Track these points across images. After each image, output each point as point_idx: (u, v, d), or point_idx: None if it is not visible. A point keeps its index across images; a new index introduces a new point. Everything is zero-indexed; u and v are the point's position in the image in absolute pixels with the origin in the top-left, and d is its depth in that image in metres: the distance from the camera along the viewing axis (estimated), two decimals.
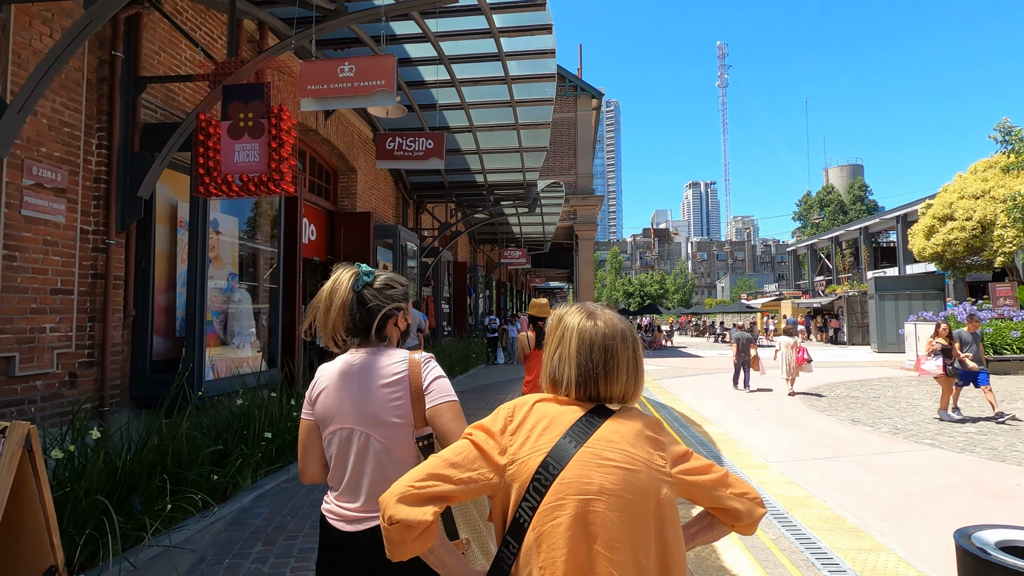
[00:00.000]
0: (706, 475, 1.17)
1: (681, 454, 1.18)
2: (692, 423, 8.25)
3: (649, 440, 1.14)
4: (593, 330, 1.22)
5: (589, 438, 1.12)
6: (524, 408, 1.20)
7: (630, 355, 1.21)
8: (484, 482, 1.13)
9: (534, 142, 11.75)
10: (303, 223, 9.33)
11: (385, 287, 1.63)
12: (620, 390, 1.20)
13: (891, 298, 22.61)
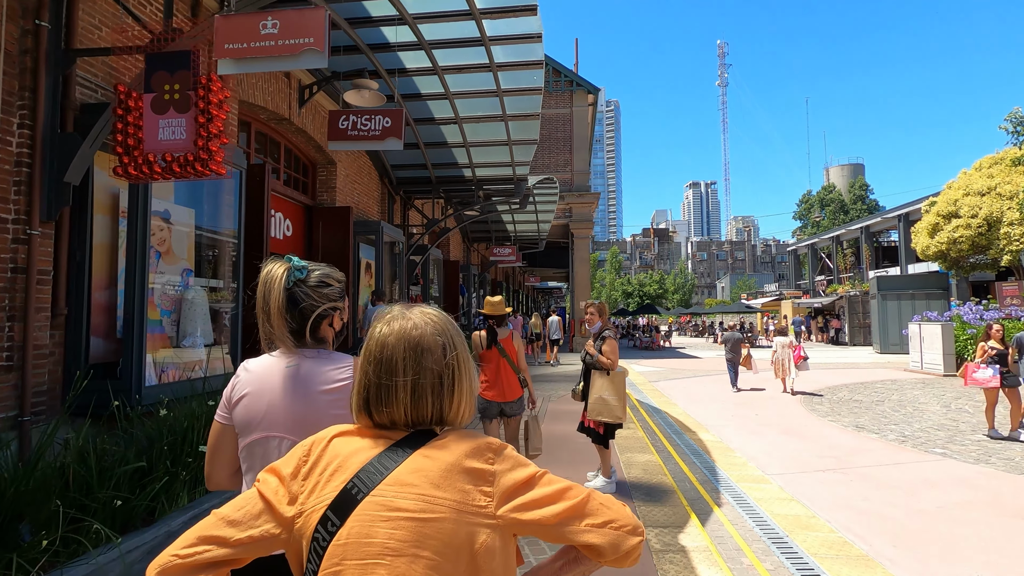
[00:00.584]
0: (551, 507, 0.93)
1: (519, 483, 0.94)
2: (686, 430, 7.76)
3: (468, 474, 0.92)
4: (389, 338, 1.00)
5: (380, 483, 0.92)
6: (320, 445, 1.00)
7: (442, 365, 0.99)
8: (270, 540, 0.95)
9: (523, 134, 11.26)
10: (275, 216, 8.86)
11: (320, 284, 1.48)
12: (430, 410, 0.98)
13: (894, 298, 22.13)
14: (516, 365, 4.61)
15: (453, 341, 1.02)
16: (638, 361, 20.00)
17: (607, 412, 4.65)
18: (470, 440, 0.97)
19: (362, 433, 1.00)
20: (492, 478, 0.93)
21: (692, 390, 12.24)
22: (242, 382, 1.48)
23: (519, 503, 0.92)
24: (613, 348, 4.69)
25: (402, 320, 1.02)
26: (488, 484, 0.92)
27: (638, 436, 6.76)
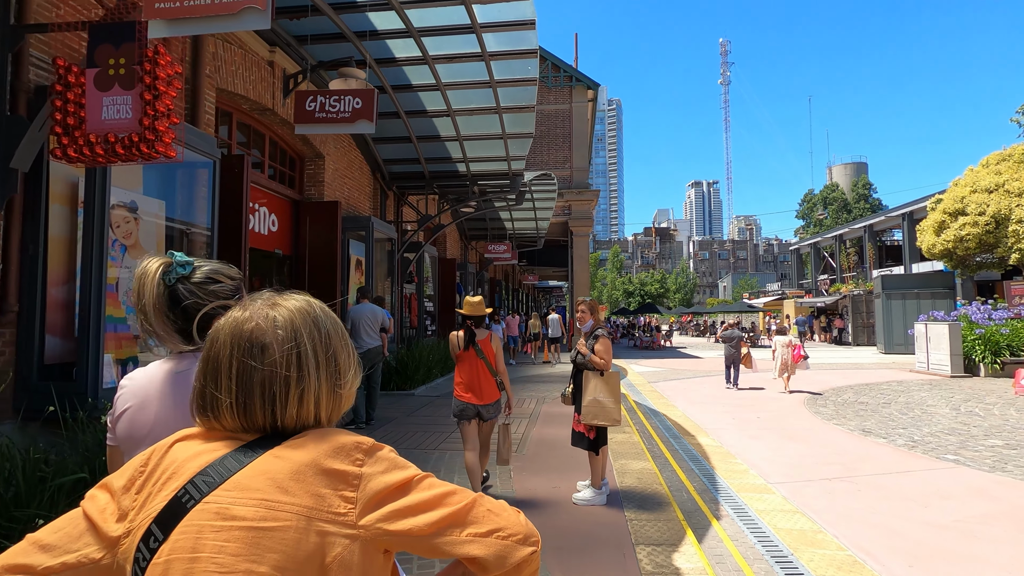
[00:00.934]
0: (426, 514, 0.81)
1: (392, 488, 0.82)
2: (685, 433, 7.43)
3: (327, 476, 0.80)
4: (220, 332, 0.88)
5: (216, 488, 0.79)
6: (160, 451, 0.88)
7: (279, 363, 0.85)
8: (89, 566, 0.82)
9: (519, 127, 10.93)
10: (259, 211, 8.55)
11: (207, 281, 1.37)
12: (263, 417, 0.85)
13: (898, 297, 21.76)
14: (494, 367, 4.40)
15: (301, 333, 0.87)
16: (638, 361, 19.66)
17: (603, 415, 4.34)
18: (336, 438, 0.84)
19: (209, 436, 0.87)
20: (358, 481, 0.81)
21: (692, 391, 11.91)
22: (123, 396, 1.35)
23: (388, 511, 0.80)
24: (606, 347, 4.37)
25: (239, 311, 0.89)
26: (352, 488, 0.80)
27: (634, 441, 6.43)
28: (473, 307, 4.66)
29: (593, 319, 4.52)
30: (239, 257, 6.66)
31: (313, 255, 9.56)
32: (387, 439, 6.44)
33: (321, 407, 0.88)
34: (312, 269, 9.55)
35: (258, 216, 8.58)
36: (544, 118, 22.45)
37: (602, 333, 4.42)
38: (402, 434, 6.76)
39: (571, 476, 5.06)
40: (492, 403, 4.39)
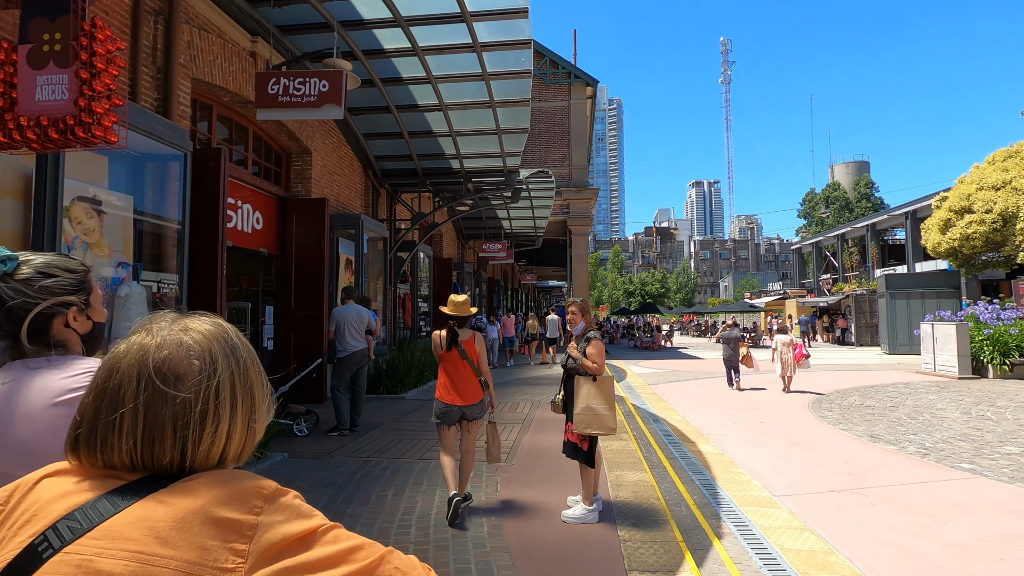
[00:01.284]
0: (326, 572, 0.70)
1: (291, 540, 0.71)
2: (685, 439, 7.10)
3: (217, 526, 0.70)
4: (122, 361, 0.78)
5: (82, 535, 0.69)
6: (25, 487, 0.78)
7: (195, 395, 0.76)
8: None
9: (513, 122, 10.61)
10: (242, 208, 8.23)
11: (37, 276, 1.20)
12: (169, 454, 0.75)
13: (903, 297, 21.40)
14: (477, 367, 4.35)
15: (219, 362, 0.80)
16: (638, 362, 19.33)
17: (596, 423, 4.02)
18: (235, 482, 0.74)
19: (85, 472, 0.78)
20: (252, 532, 0.71)
21: (693, 394, 11.57)
22: None
23: (283, 567, 0.70)
24: (599, 350, 4.05)
25: (144, 335, 0.81)
26: (244, 540, 0.70)
27: (630, 449, 6.10)
28: (457, 307, 4.49)
29: (585, 320, 4.19)
30: (215, 255, 6.34)
31: (300, 254, 9.24)
32: (371, 447, 6.12)
33: (233, 444, 0.81)
34: (299, 269, 9.23)
35: (241, 213, 8.26)
36: (542, 115, 22.14)
37: (594, 335, 4.09)
38: (387, 441, 6.43)
39: (562, 489, 4.73)
40: (476, 403, 4.31)
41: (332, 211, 10.24)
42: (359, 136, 10.94)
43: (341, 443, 6.27)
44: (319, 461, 5.47)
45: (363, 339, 7.03)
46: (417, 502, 4.40)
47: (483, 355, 4.45)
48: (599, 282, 71.57)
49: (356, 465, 5.34)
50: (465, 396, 4.26)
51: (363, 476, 4.99)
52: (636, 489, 4.71)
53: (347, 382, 6.90)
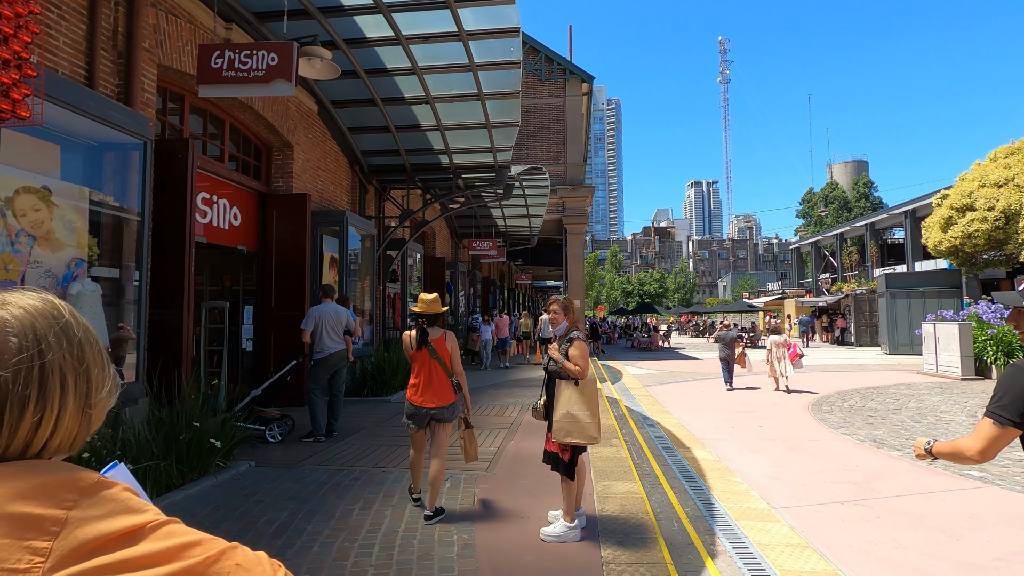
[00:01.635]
0: (150, 570, 0.64)
1: (110, 537, 0.64)
2: (679, 445, 6.76)
3: (13, 523, 0.63)
4: None
5: None
6: None
7: (34, 371, 0.70)
8: None
9: (503, 116, 10.27)
10: (217, 203, 7.88)
11: None
12: (8, 439, 0.70)
13: (903, 296, 21.10)
14: (448, 368, 4.21)
15: (44, 341, 0.71)
16: (634, 363, 19.00)
17: (577, 431, 3.68)
18: (43, 474, 0.67)
19: None
20: (58, 528, 0.64)
21: (689, 396, 11.23)
22: None
23: (96, 565, 0.62)
24: (583, 352, 3.71)
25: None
26: (47, 537, 0.63)
27: (620, 456, 5.76)
28: (427, 305, 4.33)
29: (568, 320, 3.85)
30: (182, 250, 6.00)
31: (280, 251, 8.89)
32: (346, 453, 5.78)
33: (60, 432, 0.72)
34: (279, 266, 8.88)
35: (217, 209, 7.91)
36: (537, 112, 21.80)
37: (577, 336, 3.75)
38: (365, 448, 6.09)
39: (545, 501, 4.39)
40: (447, 406, 4.16)
41: (315, 207, 9.90)
42: (344, 130, 10.60)
43: (315, 450, 5.93)
44: (288, 470, 5.12)
45: (341, 340, 6.68)
46: (385, 516, 4.06)
47: (455, 355, 4.29)
48: (597, 282, 71.24)
49: (326, 474, 5.00)
50: (435, 398, 4.11)
51: (331, 487, 4.65)
52: (624, 502, 4.37)
53: (324, 385, 6.55)
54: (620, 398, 10.62)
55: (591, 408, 3.66)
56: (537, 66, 21.63)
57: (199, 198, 7.52)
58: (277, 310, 8.75)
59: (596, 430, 3.71)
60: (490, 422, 7.51)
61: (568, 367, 3.68)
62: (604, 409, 8.48)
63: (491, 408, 8.60)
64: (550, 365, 3.80)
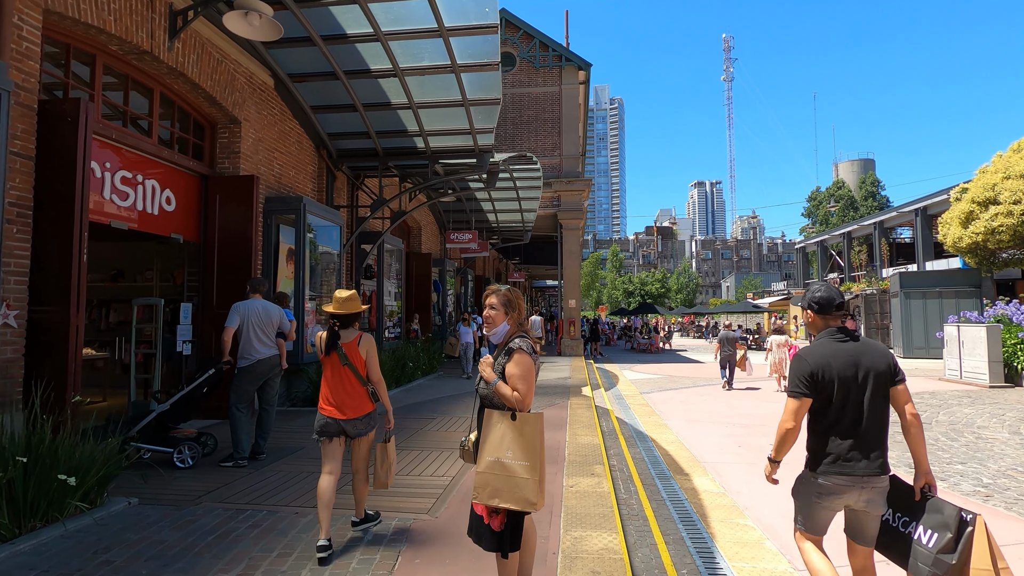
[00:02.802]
0: None
1: None
2: (677, 471, 5.66)
3: None
4: None
5: None
6: None
7: None
8: None
9: (482, 92, 9.18)
10: (145, 184, 6.80)
11: None
12: None
13: (918, 296, 19.93)
14: (362, 375, 3.58)
15: None
16: (632, 366, 17.88)
17: (507, 490, 2.41)
18: None
19: None
20: None
21: (691, 405, 10.11)
22: None
23: None
24: (525, 371, 2.52)
25: None
26: None
27: (603, 491, 4.65)
28: (341, 303, 3.63)
29: (510, 321, 2.72)
30: (70, 232, 4.93)
31: (224, 241, 7.82)
32: (262, 486, 4.68)
33: None
34: (223, 259, 7.80)
35: (143, 191, 6.84)
36: (531, 101, 20.72)
37: (520, 346, 2.62)
38: (292, 476, 4.99)
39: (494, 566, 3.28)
40: (359, 418, 3.57)
41: (272, 193, 8.83)
42: (306, 109, 9.51)
43: (229, 478, 4.84)
44: (176, 511, 4.03)
45: (273, 343, 5.59)
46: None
47: (372, 359, 3.65)
48: (597, 282, 70.05)
49: (221, 518, 3.91)
50: (345, 408, 3.53)
51: (219, 537, 3.56)
52: (598, 566, 3.26)
53: (251, 398, 5.46)
54: (613, 408, 9.51)
55: (531, 456, 2.41)
56: (531, 53, 20.54)
57: (118, 177, 6.45)
58: (219, 308, 7.65)
59: (536, 491, 2.39)
60: (451, 441, 6.40)
61: (503, 392, 2.51)
62: (591, 423, 7.38)
63: (456, 423, 7.50)
64: (481, 386, 2.66)
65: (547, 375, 13.42)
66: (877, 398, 2.47)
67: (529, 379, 2.52)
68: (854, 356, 2.49)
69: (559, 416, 7.89)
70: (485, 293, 2.76)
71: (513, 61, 20.80)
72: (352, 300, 3.61)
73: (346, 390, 3.54)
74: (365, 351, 3.60)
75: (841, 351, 2.50)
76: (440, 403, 9.11)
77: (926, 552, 2.34)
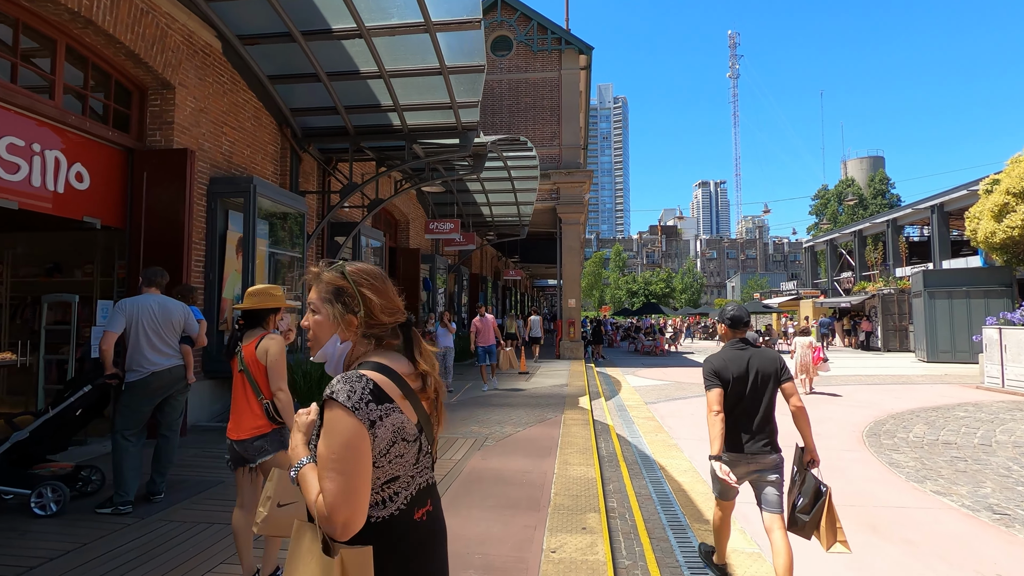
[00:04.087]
0: None
1: None
2: (696, 516, 4.41)
3: None
4: None
5: None
6: None
7: None
8: None
9: (463, 57, 7.95)
10: (48, 157, 5.58)
11: None
12: None
13: (943, 296, 18.58)
14: (258, 384, 2.85)
15: None
16: (636, 370, 16.61)
17: None
18: None
19: None
20: None
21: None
22: None
23: None
24: (342, 448, 1.17)
25: None
26: None
27: (598, 561, 3.39)
28: (254, 299, 2.93)
29: (347, 329, 1.40)
30: None
31: (151, 227, 6.60)
32: (143, 544, 3.44)
33: None
34: (150, 248, 6.58)
35: (40, 163, 5.62)
36: (528, 88, 19.47)
37: (339, 392, 1.21)
38: (184, 528, 3.75)
39: None
40: (249, 439, 2.83)
41: (218, 174, 7.61)
42: (262, 78, 8.29)
43: (104, 531, 3.61)
44: None
45: (173, 351, 4.35)
46: None
47: (275, 367, 2.87)
48: (601, 282, 68.78)
49: None
50: (240, 426, 2.87)
51: None
52: None
53: (142, 422, 4.23)
54: (614, 422, 8.26)
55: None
56: (529, 36, 19.29)
57: (3, 144, 5.24)
58: None
59: None
60: None
61: (305, 491, 1.24)
62: (587, 447, 6.12)
63: None
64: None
65: (542, 382, 12.16)
66: (764, 393, 3.05)
67: (351, 467, 1.16)
68: (748, 361, 3.05)
69: (549, 436, 6.64)
70: (307, 273, 1.47)
71: (510, 45, 19.56)
72: (262, 294, 2.92)
73: (239, 403, 2.88)
74: (264, 354, 2.86)
75: (739, 356, 3.08)
76: None
77: (795, 511, 3.01)
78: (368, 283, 1.38)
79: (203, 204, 7.26)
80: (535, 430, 7.00)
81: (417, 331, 1.51)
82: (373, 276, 1.41)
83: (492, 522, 3.87)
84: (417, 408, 1.36)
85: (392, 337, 1.43)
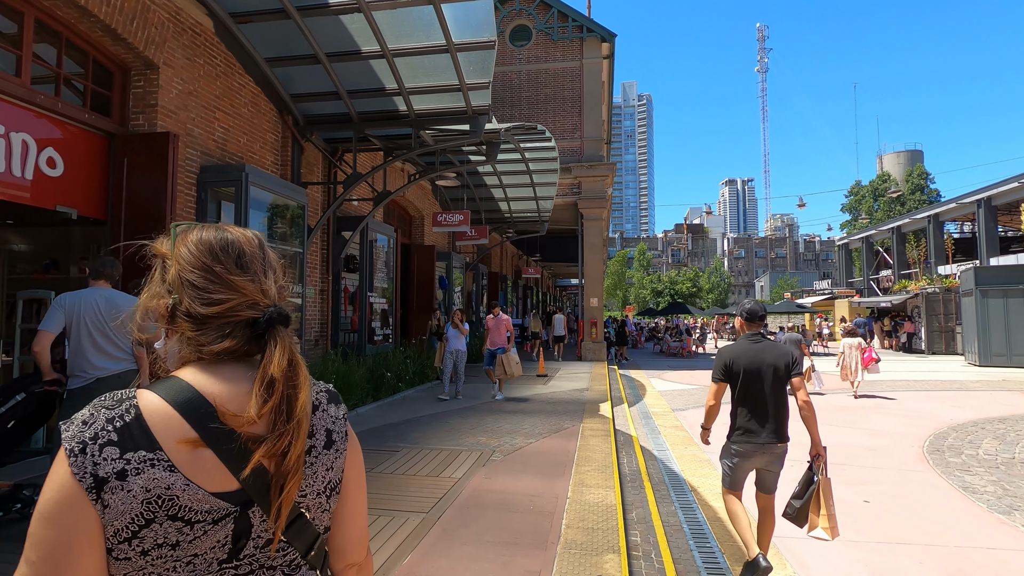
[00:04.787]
0: None
1: None
2: (735, 552, 3.66)
3: None
4: None
5: None
6: None
7: None
8: None
9: (472, 32, 7.28)
10: (14, 140, 5.09)
11: None
12: None
13: (998, 294, 17.23)
14: None
15: None
16: (662, 373, 15.74)
17: None
18: None
19: None
20: None
21: None
22: None
23: None
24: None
25: None
26: None
27: None
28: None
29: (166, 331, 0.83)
30: None
31: (132, 218, 6.09)
32: None
33: None
34: (130, 239, 6.04)
35: (3, 147, 5.13)
36: (548, 78, 18.73)
37: (64, 429, 0.76)
38: None
39: None
40: None
41: (209, 162, 7.10)
42: (258, 60, 7.76)
43: None
44: None
45: (124, 354, 3.78)
46: None
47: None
48: (624, 281, 67.50)
49: None
50: None
51: None
52: None
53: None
54: (638, 433, 7.49)
55: None
56: (549, 24, 18.56)
57: None
58: None
59: None
60: (409, 491, 4.49)
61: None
62: (607, 463, 5.38)
63: (425, 457, 5.57)
64: None
65: (561, 385, 11.42)
66: (775, 386, 3.18)
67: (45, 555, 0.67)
68: (760, 354, 3.22)
69: (564, 450, 5.92)
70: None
71: (529, 35, 18.86)
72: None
73: None
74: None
75: (751, 349, 3.25)
76: (415, 425, 7.22)
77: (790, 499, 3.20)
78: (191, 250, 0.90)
79: (192, 194, 6.74)
80: (549, 442, 6.28)
81: (287, 340, 0.87)
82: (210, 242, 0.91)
83: (488, 564, 3.18)
84: (234, 464, 0.73)
85: (243, 341, 0.86)
